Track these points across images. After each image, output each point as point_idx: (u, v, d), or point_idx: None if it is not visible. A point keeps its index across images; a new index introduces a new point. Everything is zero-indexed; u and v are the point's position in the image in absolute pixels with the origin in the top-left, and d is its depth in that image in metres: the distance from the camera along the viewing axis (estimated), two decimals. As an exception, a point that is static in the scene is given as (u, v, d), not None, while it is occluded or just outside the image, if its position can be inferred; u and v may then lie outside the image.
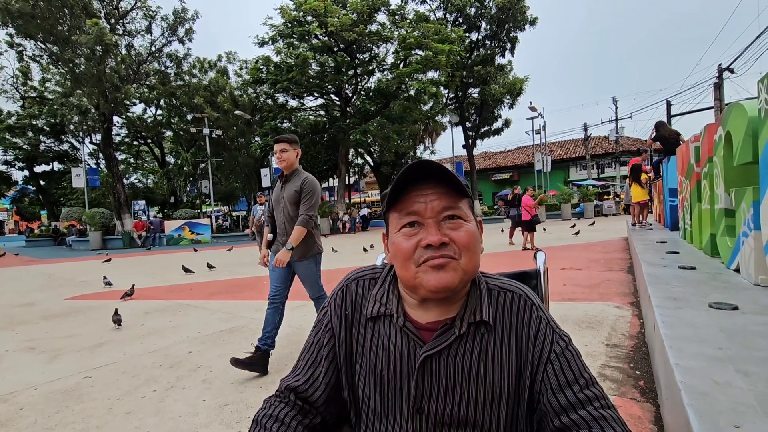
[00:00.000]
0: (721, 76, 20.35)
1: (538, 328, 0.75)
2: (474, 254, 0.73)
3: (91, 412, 2.34)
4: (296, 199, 2.85)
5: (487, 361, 0.74)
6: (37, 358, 3.42)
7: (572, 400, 0.69)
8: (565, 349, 0.74)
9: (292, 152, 2.89)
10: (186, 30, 22.65)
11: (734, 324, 1.92)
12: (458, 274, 0.71)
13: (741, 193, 2.99)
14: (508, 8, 23.08)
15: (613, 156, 31.08)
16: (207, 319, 4.46)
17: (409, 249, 0.72)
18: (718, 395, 1.25)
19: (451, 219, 0.73)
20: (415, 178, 0.74)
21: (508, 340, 0.75)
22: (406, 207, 0.74)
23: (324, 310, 0.87)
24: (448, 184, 0.74)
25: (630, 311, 3.75)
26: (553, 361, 0.72)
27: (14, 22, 17.95)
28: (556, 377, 0.71)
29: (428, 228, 0.72)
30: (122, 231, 20.98)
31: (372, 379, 0.78)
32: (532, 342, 0.74)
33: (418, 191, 0.73)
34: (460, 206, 0.74)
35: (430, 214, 0.72)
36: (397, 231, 0.75)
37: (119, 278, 7.68)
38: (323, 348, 0.83)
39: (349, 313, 0.83)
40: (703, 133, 4.26)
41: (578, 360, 0.73)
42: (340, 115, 22.50)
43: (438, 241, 0.70)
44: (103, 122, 20.93)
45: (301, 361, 0.85)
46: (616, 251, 7.95)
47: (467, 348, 0.74)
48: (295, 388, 0.81)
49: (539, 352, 0.73)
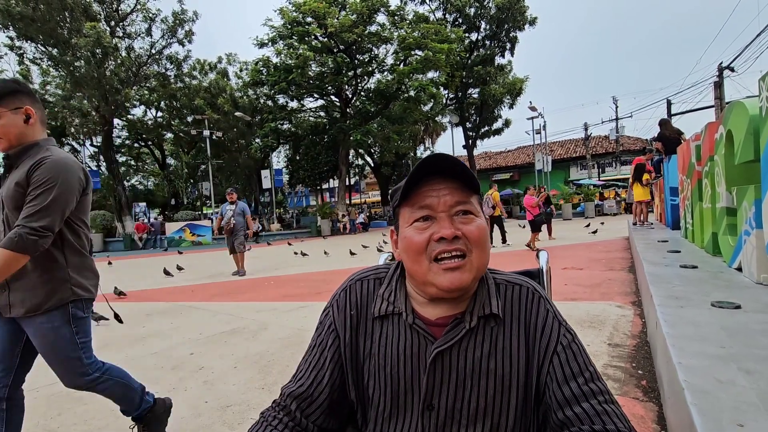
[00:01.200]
0: (721, 74, 20.33)
1: (546, 320, 0.76)
2: (484, 250, 0.74)
3: (94, 414, 2.34)
4: (18, 198, 1.46)
5: (497, 353, 0.74)
6: (38, 360, 3.42)
7: (576, 392, 0.69)
8: (571, 341, 0.74)
9: (11, 117, 1.47)
10: (186, 32, 22.74)
11: (736, 322, 1.92)
12: (471, 274, 0.72)
13: (742, 191, 2.98)
14: (507, 8, 23.11)
15: (614, 155, 31.07)
16: (208, 320, 4.46)
17: (421, 242, 0.73)
18: (721, 394, 1.25)
19: (464, 214, 0.74)
20: (428, 172, 0.74)
21: (517, 333, 0.76)
22: (418, 201, 0.75)
23: (326, 312, 0.86)
24: (460, 179, 0.74)
25: (632, 310, 3.75)
26: (560, 353, 0.73)
27: (15, 24, 18.00)
28: (562, 369, 0.72)
29: (441, 222, 0.73)
30: (123, 233, 21.01)
31: (382, 379, 0.78)
32: (539, 334, 0.75)
33: (430, 186, 0.74)
34: (472, 201, 0.75)
35: (443, 208, 0.73)
36: (408, 225, 0.75)
37: (119, 280, 7.70)
38: (327, 350, 0.82)
39: (354, 314, 0.82)
40: (704, 132, 4.26)
41: (583, 353, 0.74)
42: (340, 116, 22.52)
43: (451, 235, 0.71)
44: (104, 125, 20.99)
45: (304, 365, 0.84)
46: (617, 250, 7.94)
47: (478, 342, 0.75)
48: (299, 395, 0.80)
49: (546, 344, 0.74)
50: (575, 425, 0.67)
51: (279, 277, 7.58)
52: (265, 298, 5.56)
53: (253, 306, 5.04)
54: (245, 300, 5.51)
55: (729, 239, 3.36)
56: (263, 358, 3.10)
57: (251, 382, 2.66)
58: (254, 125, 24.07)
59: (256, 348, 3.34)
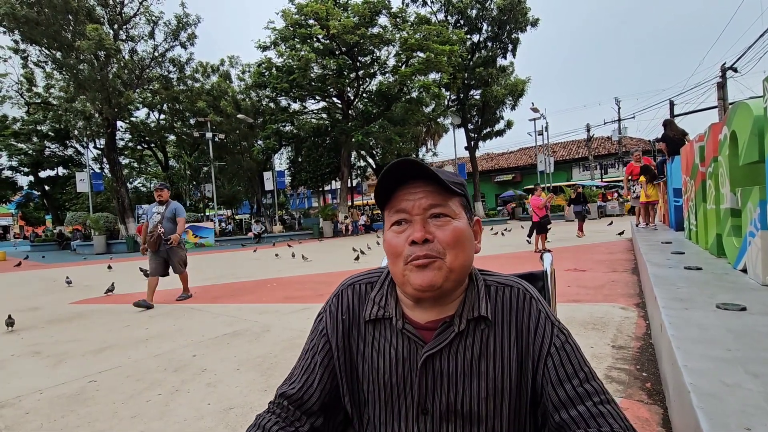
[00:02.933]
0: (724, 75, 20.27)
1: (538, 321, 0.75)
2: (461, 251, 0.74)
3: (97, 416, 2.34)
4: None
5: (488, 356, 0.74)
6: (42, 362, 3.43)
7: (571, 394, 0.69)
8: (564, 342, 0.74)
9: None
10: (188, 35, 22.79)
11: (742, 325, 1.90)
12: (443, 273, 0.72)
13: (747, 192, 2.96)
14: (509, 9, 23.11)
15: (616, 156, 30.98)
16: (210, 322, 4.46)
17: (398, 246, 0.74)
18: (728, 397, 1.24)
19: (438, 217, 0.74)
20: (405, 177, 0.76)
21: (508, 335, 0.75)
22: (395, 205, 0.76)
23: (319, 317, 0.88)
24: (436, 183, 0.75)
25: (635, 312, 3.73)
26: (553, 355, 0.73)
27: (20, 28, 18.11)
28: (556, 371, 0.71)
29: (414, 225, 0.74)
30: (126, 235, 21.07)
31: (375, 383, 0.78)
32: (532, 336, 0.75)
33: (407, 190, 0.75)
34: (449, 204, 0.75)
35: (417, 211, 0.74)
36: (388, 228, 0.77)
37: (124, 282, 7.71)
38: (317, 354, 0.83)
39: (346, 318, 0.83)
40: (708, 133, 4.24)
41: (578, 353, 0.73)
42: (342, 117, 22.55)
43: (421, 238, 0.72)
44: (107, 127, 21.06)
45: (297, 369, 0.85)
46: (620, 252, 7.91)
47: (467, 344, 0.75)
48: (291, 396, 0.81)
49: (539, 346, 0.74)
50: (571, 428, 0.67)
51: (281, 279, 7.58)
52: (267, 300, 5.56)
53: (256, 308, 5.04)
54: (247, 302, 5.51)
55: (734, 240, 3.34)
56: (266, 360, 3.10)
57: (254, 385, 2.66)
58: (257, 127, 24.11)
59: (259, 350, 3.34)
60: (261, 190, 28.39)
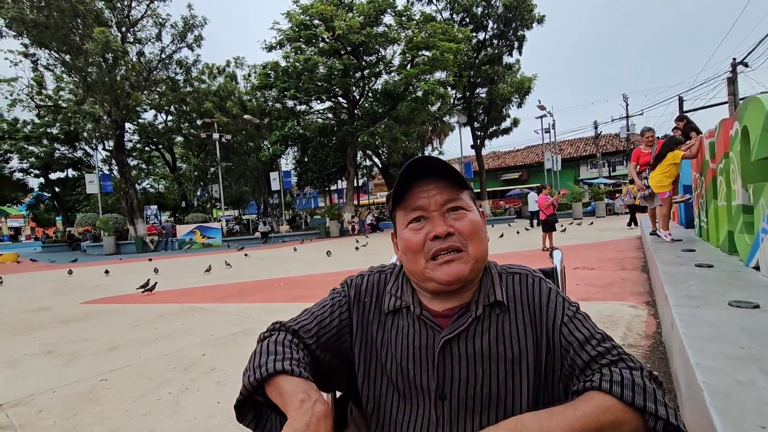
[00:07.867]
0: (734, 70, 19.97)
1: (549, 297, 0.78)
2: (479, 242, 0.77)
3: (109, 414, 2.37)
4: None
5: (504, 339, 0.76)
6: (54, 361, 3.48)
7: (593, 354, 0.70)
8: (576, 312, 0.77)
9: None
10: (195, 37, 22.94)
11: (756, 322, 1.87)
12: (469, 265, 0.75)
13: (759, 188, 2.92)
14: (515, 7, 22.93)
15: (624, 153, 30.67)
16: (219, 321, 4.49)
17: (418, 243, 0.76)
18: (742, 395, 1.22)
19: (455, 210, 0.77)
20: (417, 175, 0.78)
21: (522, 316, 0.77)
22: (411, 203, 0.78)
23: (342, 286, 0.88)
24: (447, 178, 0.77)
25: (645, 311, 3.69)
26: (567, 324, 0.75)
27: (29, 32, 18.35)
28: (573, 337, 0.73)
29: (434, 221, 0.76)
30: (135, 236, 21.29)
31: (395, 370, 0.79)
32: (545, 312, 0.77)
33: (420, 187, 0.78)
34: (462, 197, 0.78)
35: (434, 207, 0.76)
36: (405, 227, 0.79)
37: (121, 282, 7.80)
38: (336, 310, 0.84)
39: (368, 301, 0.85)
40: (719, 129, 4.17)
41: (589, 321, 0.76)
42: (347, 117, 22.56)
43: (444, 232, 0.74)
44: (116, 129, 21.29)
45: (307, 315, 0.84)
46: (629, 250, 7.83)
47: (484, 328, 0.76)
48: (296, 331, 0.80)
49: (552, 319, 0.76)
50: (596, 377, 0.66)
51: (290, 278, 7.61)
52: (275, 299, 5.59)
53: (264, 307, 5.06)
54: (256, 301, 5.54)
55: (746, 237, 3.29)
56: (274, 359, 3.11)
57: (263, 383, 2.67)
58: (263, 128, 24.22)
59: (267, 349, 3.36)
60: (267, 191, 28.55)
